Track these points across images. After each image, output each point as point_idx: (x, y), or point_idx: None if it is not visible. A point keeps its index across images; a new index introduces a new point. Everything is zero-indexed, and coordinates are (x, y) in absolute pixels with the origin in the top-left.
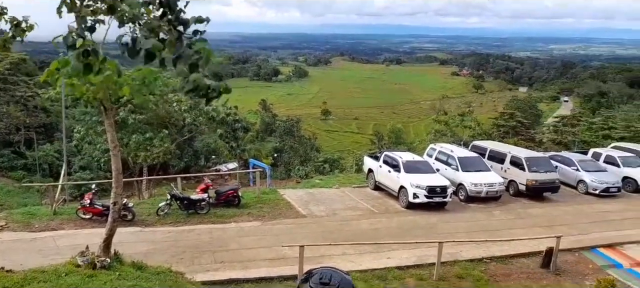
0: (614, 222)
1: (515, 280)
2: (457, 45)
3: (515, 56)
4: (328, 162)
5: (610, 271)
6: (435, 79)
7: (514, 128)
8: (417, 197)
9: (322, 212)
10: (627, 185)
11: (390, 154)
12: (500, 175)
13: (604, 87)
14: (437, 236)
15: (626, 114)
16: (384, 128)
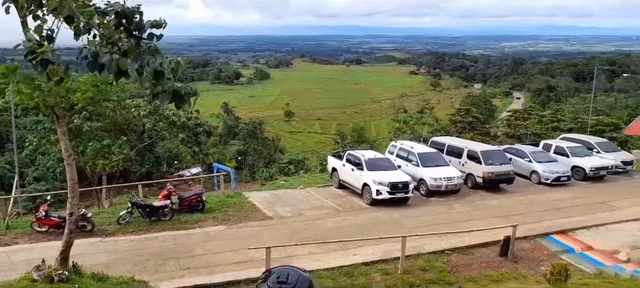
0: (565, 210)
1: (475, 270)
2: (413, 45)
3: (469, 54)
4: (293, 163)
5: (564, 256)
6: (394, 78)
7: (471, 123)
8: (380, 193)
9: (287, 213)
10: (576, 173)
11: (353, 153)
12: (459, 169)
13: (552, 81)
14: (400, 231)
15: (573, 107)
16: (346, 127)
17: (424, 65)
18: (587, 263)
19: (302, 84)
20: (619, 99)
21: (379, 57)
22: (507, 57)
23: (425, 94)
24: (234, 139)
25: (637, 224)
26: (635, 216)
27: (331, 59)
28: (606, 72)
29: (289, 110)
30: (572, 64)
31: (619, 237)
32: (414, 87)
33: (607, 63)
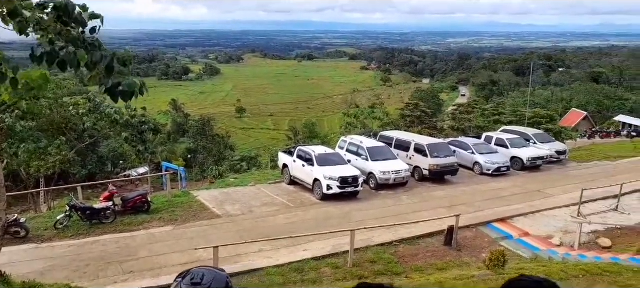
0: (505, 198)
1: (422, 260)
2: (364, 41)
3: (418, 50)
4: (245, 160)
5: (503, 243)
6: (346, 73)
7: (419, 118)
8: (331, 188)
9: (237, 211)
10: (515, 164)
11: (303, 149)
12: (406, 162)
13: (495, 76)
14: (350, 224)
15: (514, 100)
16: (299, 123)
17: (374, 61)
18: (524, 248)
19: (253, 79)
20: (555, 93)
21: (331, 53)
22: (453, 52)
23: (376, 89)
24: (183, 136)
25: (569, 210)
26: (567, 203)
27: (283, 55)
28: (543, 67)
29: (241, 107)
30: (513, 60)
31: (553, 223)
32: (365, 82)
33: (544, 58)
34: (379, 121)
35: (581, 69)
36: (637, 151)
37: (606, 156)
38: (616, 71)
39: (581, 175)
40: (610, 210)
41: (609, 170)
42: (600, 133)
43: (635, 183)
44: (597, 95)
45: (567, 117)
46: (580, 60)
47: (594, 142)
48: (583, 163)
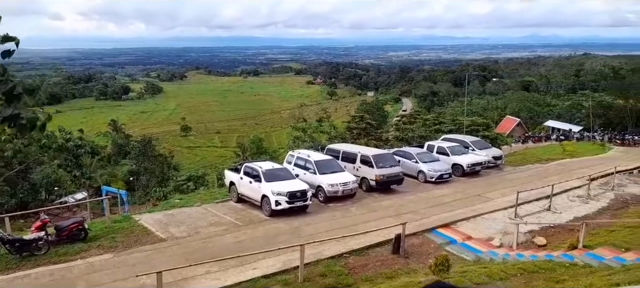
0: (448, 204)
1: (371, 269)
2: (309, 56)
3: (361, 64)
4: (192, 180)
5: (448, 247)
6: (292, 88)
7: (365, 129)
8: (279, 204)
9: (183, 233)
10: (456, 170)
11: (250, 165)
12: (353, 173)
13: (435, 87)
14: (300, 239)
15: (453, 109)
16: (247, 139)
17: (320, 75)
18: (467, 251)
19: (198, 96)
20: (490, 101)
21: (277, 68)
22: (395, 65)
23: (323, 103)
24: (125, 158)
25: (507, 212)
26: (505, 205)
27: (228, 71)
28: (479, 77)
29: (186, 125)
30: (451, 71)
31: (493, 225)
32: (311, 96)
33: (479, 69)
34: (326, 134)
35: (513, 78)
36: (566, 153)
37: (538, 159)
38: (544, 79)
39: (517, 178)
40: (543, 210)
41: (541, 172)
42: (533, 138)
43: (565, 184)
44: (528, 102)
45: (502, 124)
46: (511, 70)
47: (527, 147)
48: (518, 166)
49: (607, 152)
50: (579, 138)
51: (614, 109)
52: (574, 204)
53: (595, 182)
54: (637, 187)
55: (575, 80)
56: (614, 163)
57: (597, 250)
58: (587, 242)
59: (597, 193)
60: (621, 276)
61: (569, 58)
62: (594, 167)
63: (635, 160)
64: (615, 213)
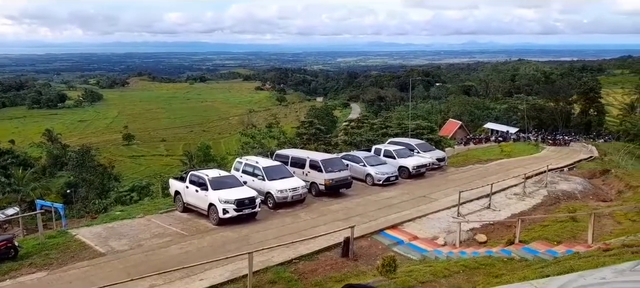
0: (395, 206)
1: (321, 274)
2: (257, 61)
3: (310, 69)
4: (136, 190)
5: (395, 248)
6: (241, 94)
7: (314, 134)
8: (227, 212)
9: (124, 246)
10: (402, 172)
11: (196, 173)
12: (302, 179)
13: (382, 92)
14: (249, 247)
15: (399, 114)
16: (194, 147)
17: (269, 81)
18: (414, 251)
19: (142, 104)
20: (434, 105)
21: (224, 74)
22: (343, 71)
23: (272, 109)
24: (61, 169)
25: (450, 212)
26: (449, 205)
27: (173, 77)
28: (423, 82)
29: (128, 133)
30: (397, 77)
31: (437, 225)
32: (260, 102)
33: (423, 75)
34: (276, 140)
35: (454, 83)
36: (503, 154)
37: (479, 160)
38: (483, 84)
39: (459, 178)
40: (484, 208)
41: (482, 172)
42: (474, 139)
43: (503, 183)
44: (469, 106)
45: (445, 126)
46: (453, 75)
47: (469, 148)
48: (460, 167)
49: (540, 151)
50: (515, 139)
51: (546, 111)
52: (511, 202)
53: (530, 180)
54: (567, 183)
55: (511, 84)
56: (547, 162)
57: (532, 244)
58: (523, 237)
59: (531, 190)
60: (552, 268)
61: (505, 63)
62: (529, 166)
63: (565, 159)
64: (548, 209)
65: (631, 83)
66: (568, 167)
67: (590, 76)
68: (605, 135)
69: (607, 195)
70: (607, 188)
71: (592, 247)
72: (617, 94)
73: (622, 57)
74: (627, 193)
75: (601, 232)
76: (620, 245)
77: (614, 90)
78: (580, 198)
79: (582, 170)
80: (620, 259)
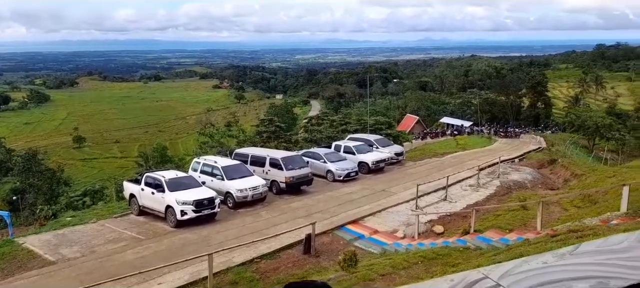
0: (355, 201)
1: (283, 272)
2: (214, 59)
3: (269, 67)
4: (88, 194)
5: (356, 243)
6: (198, 93)
7: (275, 132)
8: (185, 213)
9: (76, 253)
10: (362, 168)
11: (151, 175)
12: (263, 177)
13: (341, 89)
14: (209, 248)
15: (358, 110)
16: (150, 148)
17: (227, 79)
18: (374, 245)
19: (93, 105)
20: (392, 101)
21: (180, 72)
22: (302, 68)
23: (231, 107)
24: (6, 175)
25: (409, 205)
26: (407, 198)
27: (126, 76)
28: (381, 78)
29: (79, 135)
30: (355, 73)
31: (397, 218)
32: (219, 101)
33: (381, 71)
34: (235, 139)
35: (411, 79)
36: (459, 147)
37: (435, 153)
38: (438, 80)
39: (417, 172)
40: (441, 200)
41: (438, 166)
42: (431, 134)
43: (458, 175)
44: (426, 101)
45: (403, 122)
46: (409, 72)
47: (426, 142)
48: (418, 161)
49: (493, 144)
50: (470, 132)
51: (498, 105)
52: (467, 193)
53: (484, 172)
54: (518, 174)
55: (465, 79)
56: (499, 154)
57: (486, 233)
58: (477, 226)
59: (485, 181)
60: (504, 255)
61: (459, 59)
62: (482, 158)
63: (516, 150)
64: (501, 198)
65: (575, 76)
66: (518, 158)
67: (537, 71)
68: (552, 126)
69: (555, 183)
70: (555, 177)
71: (541, 233)
72: (562, 87)
73: (566, 52)
74: (572, 182)
75: (549, 218)
76: (566, 230)
77: (559, 83)
78: (530, 187)
79: (532, 161)
80: (566, 244)
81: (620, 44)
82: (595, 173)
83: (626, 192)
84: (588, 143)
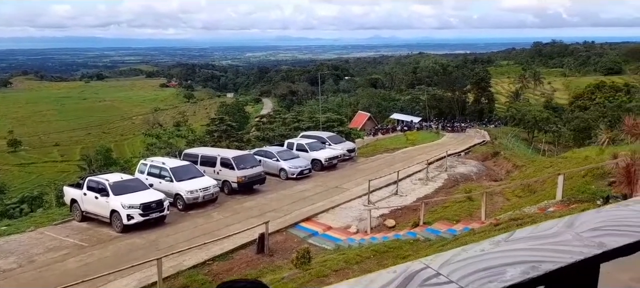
0: (309, 199)
1: (236, 272)
2: (160, 57)
3: (218, 65)
4: (26, 202)
5: (310, 240)
6: (144, 92)
7: (226, 131)
8: (132, 217)
9: (12, 265)
10: (315, 165)
11: (94, 179)
12: (214, 177)
13: (293, 87)
14: (158, 252)
15: (311, 108)
16: (93, 151)
17: (175, 78)
18: (328, 241)
19: (29, 106)
20: (344, 98)
21: (125, 71)
22: (253, 66)
23: (180, 107)
24: None
25: (361, 200)
26: (360, 194)
27: (65, 75)
28: (332, 76)
29: (14, 139)
30: (307, 71)
31: (350, 214)
32: (167, 100)
33: (332, 69)
34: (185, 139)
35: (362, 76)
36: (408, 142)
37: (386, 149)
38: (388, 77)
39: (369, 168)
40: (392, 194)
41: (389, 161)
42: (381, 130)
43: (408, 169)
44: (376, 98)
45: (355, 119)
46: (360, 69)
47: (378, 139)
48: (369, 157)
49: (440, 138)
50: (419, 128)
51: (445, 101)
52: (416, 186)
53: (432, 166)
54: (464, 166)
55: (414, 76)
56: (446, 148)
57: (435, 225)
58: (427, 219)
59: (434, 175)
60: (451, 245)
61: (407, 57)
62: (431, 153)
63: (462, 144)
64: (449, 191)
65: (515, 73)
66: (464, 151)
67: (481, 67)
68: (495, 121)
69: (498, 175)
70: (498, 169)
71: (486, 223)
72: (504, 83)
73: (507, 49)
74: (514, 173)
75: (493, 208)
76: (508, 219)
77: (501, 79)
78: (475, 179)
79: (477, 154)
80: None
81: (555, 41)
82: (534, 164)
83: (561, 181)
84: (528, 136)
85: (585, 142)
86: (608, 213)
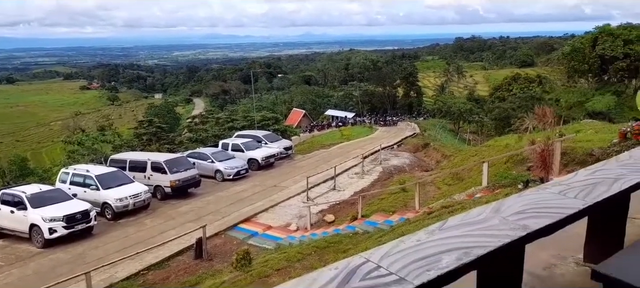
0: (247, 199)
1: (174, 280)
2: (79, 58)
3: (144, 65)
4: None
5: (250, 241)
6: (62, 95)
7: (156, 134)
8: (55, 231)
9: None
10: (251, 165)
11: (9, 191)
12: (145, 183)
13: (225, 86)
14: (86, 266)
15: (245, 106)
16: (6, 161)
17: (96, 79)
18: (269, 241)
19: None
20: (278, 96)
21: (39, 73)
22: (182, 65)
23: (104, 110)
24: None
25: (300, 197)
26: (298, 191)
27: None
28: (265, 74)
29: None
30: (239, 69)
31: (289, 212)
32: (88, 103)
33: (265, 66)
34: (110, 144)
35: (295, 74)
36: (344, 137)
37: (322, 145)
38: (321, 73)
39: (306, 165)
40: (330, 190)
41: (326, 157)
42: (317, 127)
43: (345, 164)
44: (311, 95)
45: (290, 116)
46: (293, 66)
47: (314, 135)
48: (306, 154)
49: (374, 132)
50: (353, 123)
51: (376, 96)
52: (353, 181)
53: (367, 160)
54: (398, 159)
55: (346, 72)
56: (380, 142)
57: (372, 217)
58: (364, 211)
59: (369, 168)
60: (389, 236)
61: (339, 54)
62: (366, 147)
63: (394, 137)
64: (384, 183)
65: (440, 67)
66: (397, 144)
67: (408, 63)
68: (424, 113)
69: (429, 165)
70: (428, 160)
71: (420, 212)
72: (430, 77)
73: (431, 45)
74: (443, 162)
75: (426, 198)
76: (440, 207)
77: (427, 74)
78: (408, 170)
79: (408, 146)
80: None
81: (475, 36)
82: (461, 154)
83: (486, 168)
84: (454, 126)
85: (505, 130)
86: (529, 197)
